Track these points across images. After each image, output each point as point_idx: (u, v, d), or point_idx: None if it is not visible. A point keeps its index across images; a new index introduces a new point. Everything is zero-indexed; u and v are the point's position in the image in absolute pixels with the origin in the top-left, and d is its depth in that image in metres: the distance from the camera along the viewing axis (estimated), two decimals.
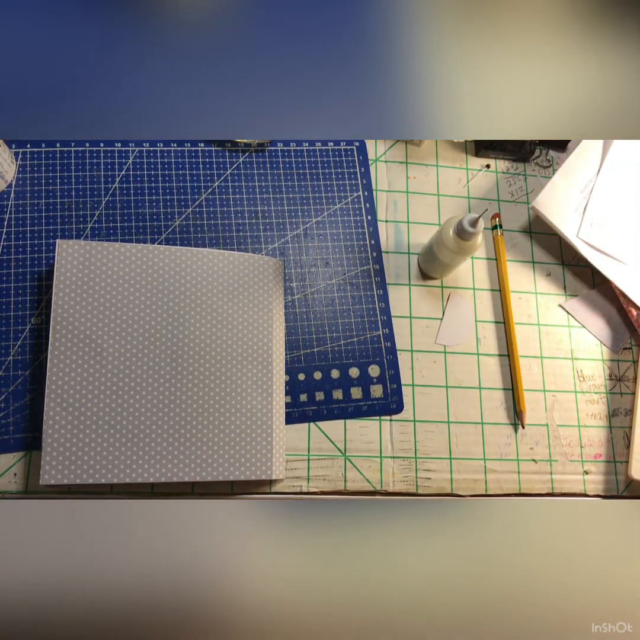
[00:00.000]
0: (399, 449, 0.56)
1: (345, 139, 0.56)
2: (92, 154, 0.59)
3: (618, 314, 0.63)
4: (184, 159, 0.61)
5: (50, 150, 0.59)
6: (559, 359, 0.61)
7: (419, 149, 0.66)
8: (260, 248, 0.59)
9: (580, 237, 0.61)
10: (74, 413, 0.49)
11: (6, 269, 0.54)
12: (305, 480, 0.53)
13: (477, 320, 0.61)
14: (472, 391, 0.58)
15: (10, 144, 0.58)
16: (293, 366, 0.56)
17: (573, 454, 0.58)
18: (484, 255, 0.63)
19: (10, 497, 0.49)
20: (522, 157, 0.67)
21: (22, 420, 0.51)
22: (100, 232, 0.57)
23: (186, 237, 0.58)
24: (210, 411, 0.51)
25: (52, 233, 0.56)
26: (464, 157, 0.66)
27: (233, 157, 0.62)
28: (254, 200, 0.61)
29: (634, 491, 0.58)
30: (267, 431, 0.52)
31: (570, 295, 0.63)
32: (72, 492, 0.50)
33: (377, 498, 0.54)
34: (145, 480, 0.49)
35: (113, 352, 0.50)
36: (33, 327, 0.53)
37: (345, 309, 0.59)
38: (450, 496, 0.55)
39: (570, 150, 0.66)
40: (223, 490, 0.52)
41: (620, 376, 0.62)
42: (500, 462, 0.57)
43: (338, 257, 0.60)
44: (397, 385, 0.57)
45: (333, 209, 0.62)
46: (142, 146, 0.60)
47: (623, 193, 0.63)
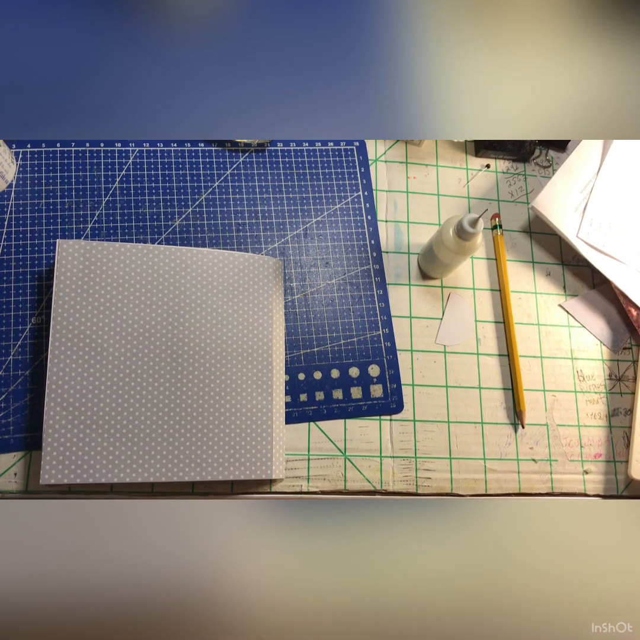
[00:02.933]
0: (399, 448, 0.56)
1: (345, 139, 0.56)
2: (92, 154, 0.59)
3: (618, 314, 0.64)
4: (184, 159, 0.61)
5: (51, 150, 0.59)
6: (559, 359, 0.61)
7: (419, 149, 0.66)
8: (260, 248, 0.59)
9: (580, 237, 0.61)
10: (74, 413, 0.49)
11: (6, 269, 0.54)
12: (305, 480, 0.53)
13: (477, 320, 0.61)
14: (472, 391, 0.58)
15: (10, 144, 0.58)
16: (293, 366, 0.56)
17: (573, 454, 0.58)
18: (484, 255, 0.63)
19: (10, 497, 0.50)
20: (522, 157, 0.67)
21: (22, 420, 0.51)
22: (100, 232, 0.57)
23: (186, 237, 0.58)
24: (210, 411, 0.51)
25: (52, 233, 0.56)
26: (464, 157, 0.67)
27: (233, 157, 0.62)
28: (254, 200, 0.61)
29: (634, 491, 0.58)
30: (267, 431, 0.52)
31: (570, 295, 0.63)
32: (72, 491, 0.50)
33: (377, 498, 0.54)
34: (145, 480, 0.49)
35: (113, 352, 0.50)
36: (33, 327, 0.53)
37: (345, 309, 0.59)
38: (450, 496, 0.55)
39: (570, 150, 0.66)
40: (223, 490, 0.52)
41: (620, 376, 0.62)
42: (500, 461, 0.57)
43: (338, 257, 0.60)
44: (397, 385, 0.57)
45: (333, 209, 0.62)
46: (142, 146, 0.60)
47: (623, 193, 0.63)
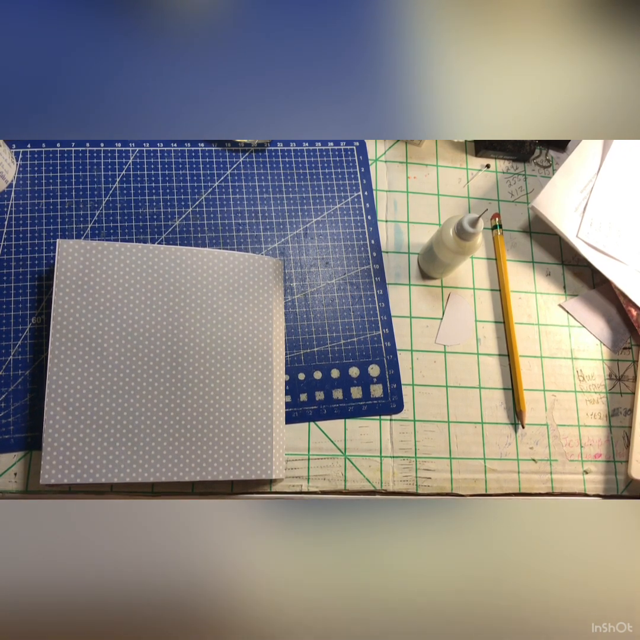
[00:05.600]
0: (399, 448, 0.56)
1: (345, 139, 0.56)
2: (92, 154, 0.59)
3: (618, 314, 0.64)
4: (184, 159, 0.61)
5: (51, 150, 0.59)
6: (559, 359, 0.61)
7: (419, 149, 0.66)
8: (260, 248, 0.59)
9: (580, 237, 0.61)
10: (74, 413, 0.49)
11: (6, 269, 0.54)
12: (305, 480, 0.53)
13: (477, 320, 0.61)
14: (472, 391, 0.58)
15: (10, 144, 0.58)
16: (293, 366, 0.56)
17: (573, 454, 0.58)
18: (484, 255, 0.63)
19: (10, 496, 0.50)
20: (522, 157, 0.67)
21: (22, 420, 0.51)
22: (100, 232, 0.57)
23: (186, 237, 0.58)
24: (210, 411, 0.51)
25: (52, 233, 0.56)
26: (464, 157, 0.67)
27: (233, 157, 0.62)
28: (254, 200, 0.61)
29: (634, 491, 0.58)
30: (267, 431, 0.52)
31: (570, 295, 0.63)
32: (72, 491, 0.50)
33: (377, 498, 0.54)
34: (145, 480, 0.49)
35: (113, 351, 0.50)
36: (33, 327, 0.53)
37: (345, 309, 0.59)
38: (450, 496, 0.55)
39: (570, 150, 0.66)
40: (223, 490, 0.52)
41: (620, 376, 0.62)
42: (500, 461, 0.57)
43: (338, 257, 0.60)
44: (397, 385, 0.57)
45: (333, 208, 0.62)
46: (142, 146, 0.60)
47: (623, 193, 0.63)
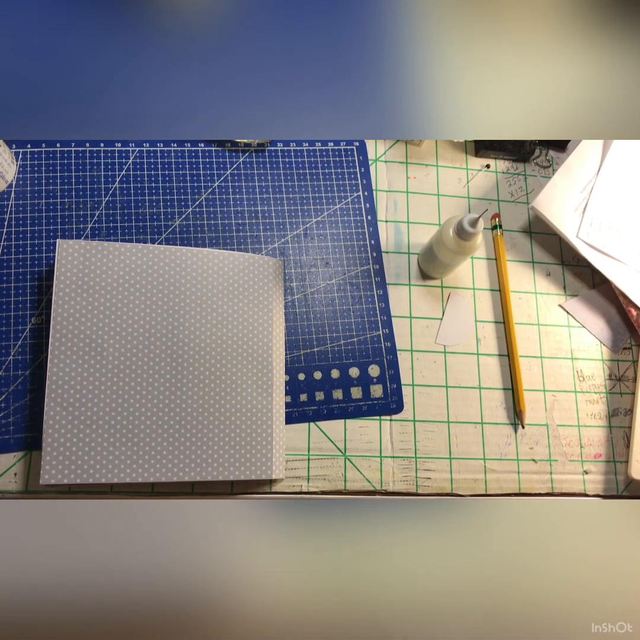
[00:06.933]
0: (399, 448, 0.56)
1: (345, 139, 0.56)
2: (92, 154, 0.59)
3: (618, 314, 0.64)
4: (184, 159, 0.61)
5: (51, 150, 0.59)
6: (559, 359, 0.61)
7: (419, 149, 0.66)
8: (260, 248, 0.59)
9: (580, 237, 0.61)
10: (74, 413, 0.49)
11: (6, 269, 0.54)
12: (305, 480, 0.53)
13: (477, 320, 0.61)
14: (472, 391, 0.58)
15: (10, 144, 0.58)
16: (293, 366, 0.56)
17: (573, 454, 0.58)
18: (484, 255, 0.63)
19: (10, 497, 0.50)
20: (522, 157, 0.67)
21: (22, 420, 0.51)
22: (100, 232, 0.57)
23: (186, 237, 0.58)
24: (210, 411, 0.51)
25: (52, 233, 0.56)
26: (464, 157, 0.67)
27: (233, 157, 0.62)
28: (254, 200, 0.61)
29: (634, 491, 0.58)
30: (267, 431, 0.52)
31: (570, 295, 0.63)
32: (72, 492, 0.50)
33: (377, 498, 0.54)
34: (145, 480, 0.49)
35: (113, 352, 0.50)
36: (33, 327, 0.53)
37: (345, 309, 0.59)
38: (450, 496, 0.55)
39: (570, 150, 0.66)
40: (223, 490, 0.52)
41: (620, 376, 0.62)
42: (500, 462, 0.57)
43: (338, 257, 0.60)
44: (397, 385, 0.57)
45: (333, 209, 0.62)
46: (142, 146, 0.60)
47: (623, 193, 0.63)
